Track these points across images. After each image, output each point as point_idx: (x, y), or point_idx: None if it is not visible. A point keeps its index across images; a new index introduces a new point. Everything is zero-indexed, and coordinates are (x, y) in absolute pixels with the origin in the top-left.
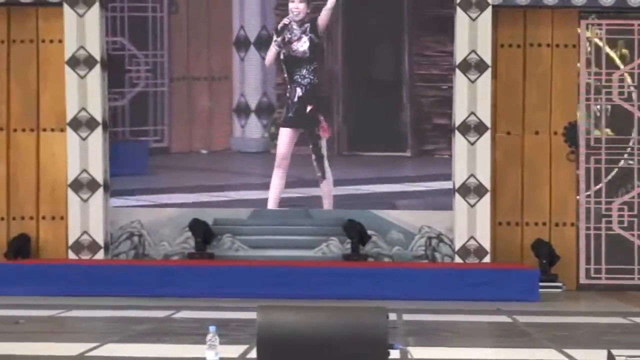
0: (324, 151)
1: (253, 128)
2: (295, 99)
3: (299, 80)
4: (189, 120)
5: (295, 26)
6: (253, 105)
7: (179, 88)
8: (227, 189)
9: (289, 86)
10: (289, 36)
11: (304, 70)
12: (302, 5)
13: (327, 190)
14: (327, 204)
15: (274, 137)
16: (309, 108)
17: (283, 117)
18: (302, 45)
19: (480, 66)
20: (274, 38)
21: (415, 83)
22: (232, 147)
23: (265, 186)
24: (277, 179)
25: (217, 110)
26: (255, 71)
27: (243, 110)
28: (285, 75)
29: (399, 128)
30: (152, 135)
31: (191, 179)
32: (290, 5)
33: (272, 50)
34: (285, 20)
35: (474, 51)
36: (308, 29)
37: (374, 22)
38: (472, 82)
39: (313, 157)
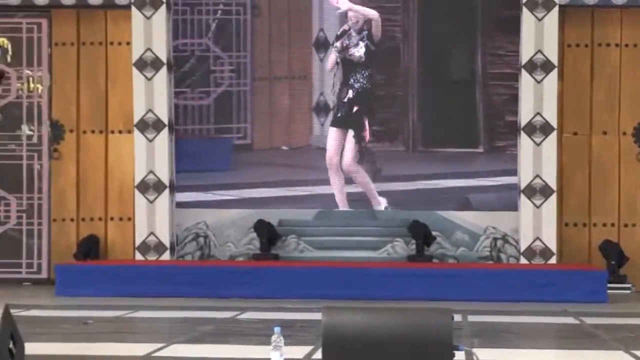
0: (367, 151)
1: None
2: (345, 100)
3: (352, 83)
4: (271, 118)
5: (354, 33)
6: (332, 103)
7: (261, 87)
8: (307, 184)
9: (342, 88)
10: (347, 42)
11: (358, 75)
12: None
13: (369, 186)
14: (375, 201)
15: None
16: (355, 109)
17: (333, 117)
18: (359, 50)
19: (547, 66)
20: (334, 43)
21: (487, 82)
22: (312, 143)
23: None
24: (334, 178)
25: (297, 108)
26: (334, 72)
27: (322, 109)
28: (341, 77)
29: (472, 125)
30: (236, 133)
31: (273, 175)
32: (350, 14)
33: (332, 55)
34: (345, 27)
35: (540, 51)
36: (365, 36)
37: (449, 23)
38: (538, 82)
39: (358, 156)
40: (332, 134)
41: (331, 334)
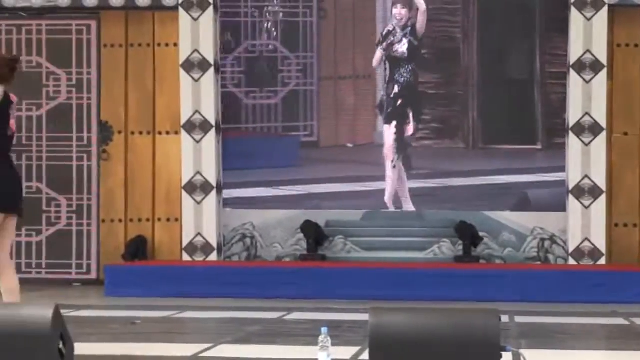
0: (407, 146)
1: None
2: (392, 96)
3: (398, 78)
4: (336, 116)
5: (398, 30)
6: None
7: (327, 86)
8: (371, 180)
9: (388, 84)
10: (392, 39)
11: (402, 70)
12: (404, 11)
13: (394, 182)
14: (405, 201)
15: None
16: (399, 102)
17: (384, 114)
18: (402, 47)
19: (596, 66)
20: (380, 43)
21: (545, 81)
22: (375, 140)
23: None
24: (389, 174)
25: (361, 106)
26: None
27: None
28: (387, 73)
29: (531, 122)
30: (303, 130)
31: (338, 171)
32: (394, 11)
33: (378, 53)
34: (389, 27)
35: (588, 51)
36: (408, 32)
37: (507, 24)
38: (587, 82)
39: (396, 149)
40: (386, 130)
41: (378, 335)
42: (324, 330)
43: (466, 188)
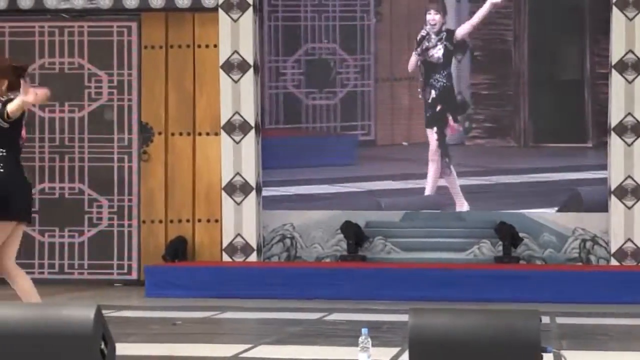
0: (449, 147)
1: (458, 115)
2: (430, 100)
3: (434, 83)
4: (392, 116)
5: (432, 35)
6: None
7: (383, 87)
8: (425, 177)
9: (425, 89)
10: (427, 44)
11: (438, 75)
12: (437, 17)
13: (454, 185)
14: (458, 202)
15: (467, 131)
16: (438, 107)
17: (424, 118)
18: (437, 52)
19: (638, 66)
20: (415, 48)
21: (595, 81)
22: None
23: (458, 175)
24: (431, 174)
25: (415, 106)
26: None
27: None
28: (422, 78)
29: (581, 122)
30: (360, 130)
31: (394, 168)
32: (428, 17)
33: (413, 59)
34: (423, 32)
35: (631, 51)
36: (444, 38)
37: (558, 25)
38: (630, 82)
39: (439, 152)
40: (429, 134)
41: (418, 336)
42: (364, 331)
43: (517, 185)
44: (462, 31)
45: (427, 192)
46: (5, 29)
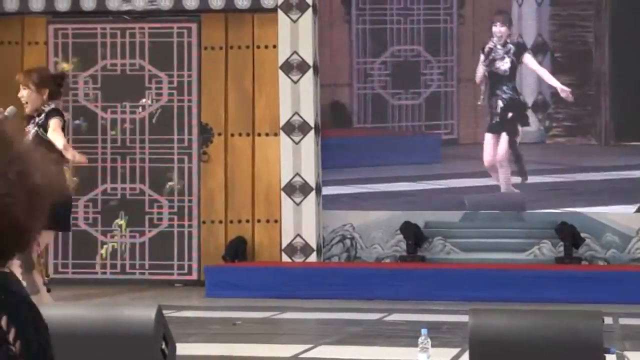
0: (521, 153)
1: (530, 122)
2: (498, 110)
3: (500, 94)
4: (475, 116)
5: (499, 47)
6: (530, 101)
7: (466, 88)
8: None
9: (491, 98)
10: (493, 55)
11: (504, 87)
12: (503, 29)
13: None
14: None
15: (547, 129)
16: (509, 116)
17: (487, 124)
18: (504, 64)
19: None
20: (482, 59)
21: None
22: None
23: (538, 172)
24: (498, 174)
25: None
26: (532, 73)
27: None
28: (488, 88)
29: None
30: (443, 129)
31: (477, 166)
32: (494, 29)
33: (480, 70)
34: (490, 44)
35: None
36: (511, 52)
37: (639, 25)
38: None
39: (513, 159)
40: (488, 139)
41: (478, 337)
42: (423, 331)
43: (596, 183)
44: (527, 60)
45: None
46: (69, 31)
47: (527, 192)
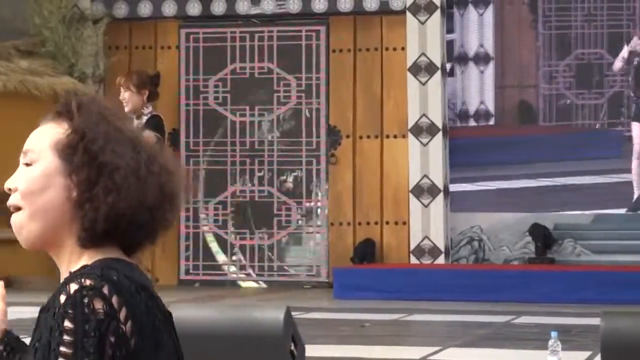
0: None
1: None
2: None
3: None
4: None
5: None
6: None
7: None
8: None
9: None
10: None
11: None
12: None
13: None
14: None
15: None
16: None
17: (634, 112)
18: None
19: None
20: (624, 54)
21: None
22: None
23: None
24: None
25: None
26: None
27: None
28: (635, 77)
29: None
30: (625, 127)
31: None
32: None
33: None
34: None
35: None
36: None
37: None
38: None
39: None
40: (635, 127)
41: (611, 340)
42: (553, 334)
43: None
44: None
45: (636, 193)
46: (199, 35)
47: None
